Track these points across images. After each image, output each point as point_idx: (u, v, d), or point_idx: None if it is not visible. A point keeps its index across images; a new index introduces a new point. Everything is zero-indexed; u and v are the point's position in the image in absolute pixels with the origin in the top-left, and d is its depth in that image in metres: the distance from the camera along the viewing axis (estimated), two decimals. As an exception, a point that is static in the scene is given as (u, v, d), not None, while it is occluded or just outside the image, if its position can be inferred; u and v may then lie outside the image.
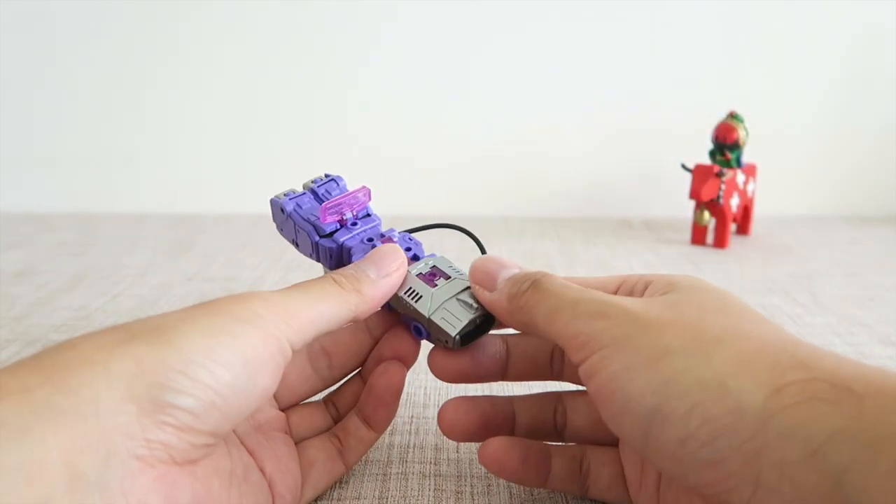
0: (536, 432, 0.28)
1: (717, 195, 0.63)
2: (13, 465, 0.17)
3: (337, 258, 0.30)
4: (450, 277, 0.28)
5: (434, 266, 0.29)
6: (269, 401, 0.29)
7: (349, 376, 0.31)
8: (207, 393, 0.20)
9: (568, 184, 0.80)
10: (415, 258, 0.30)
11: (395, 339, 0.29)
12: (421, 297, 0.27)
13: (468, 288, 0.28)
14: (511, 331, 0.29)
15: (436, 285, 0.28)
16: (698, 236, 0.67)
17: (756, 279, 0.57)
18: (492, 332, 0.29)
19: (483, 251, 0.31)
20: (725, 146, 0.65)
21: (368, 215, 0.32)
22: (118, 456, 0.18)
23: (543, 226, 0.74)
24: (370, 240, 0.30)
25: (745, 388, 0.19)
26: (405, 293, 0.28)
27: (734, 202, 0.65)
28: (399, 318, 0.30)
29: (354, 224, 0.31)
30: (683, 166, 0.65)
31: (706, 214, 0.65)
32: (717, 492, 0.19)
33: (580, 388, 0.29)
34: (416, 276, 0.28)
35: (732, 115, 0.66)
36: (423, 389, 0.38)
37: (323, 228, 0.30)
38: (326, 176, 0.32)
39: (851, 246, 0.68)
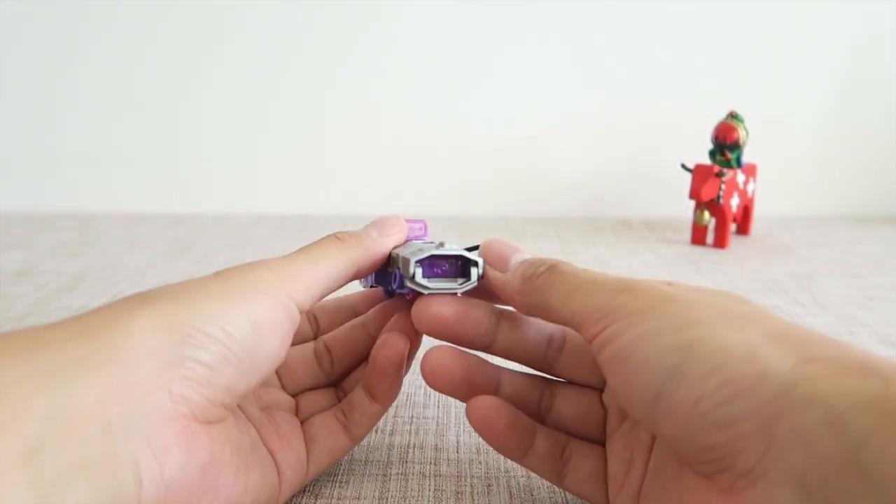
0: (518, 408, 0.28)
1: (717, 195, 0.63)
2: (53, 408, 0.18)
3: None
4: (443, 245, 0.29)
5: (436, 242, 0.29)
6: (278, 386, 0.30)
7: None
8: (220, 347, 0.21)
9: (568, 184, 0.80)
10: None
11: (400, 321, 0.29)
12: (408, 248, 0.28)
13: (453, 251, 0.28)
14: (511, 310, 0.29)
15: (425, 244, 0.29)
16: (698, 236, 0.68)
17: (756, 279, 0.57)
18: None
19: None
20: (725, 146, 0.65)
21: None
22: (144, 407, 0.20)
23: (543, 226, 0.74)
24: None
25: (774, 356, 0.19)
26: (396, 248, 0.29)
27: (734, 202, 0.65)
28: (399, 306, 0.30)
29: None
30: (683, 166, 0.65)
31: (706, 214, 0.65)
32: (720, 455, 0.19)
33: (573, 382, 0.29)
34: (415, 241, 0.29)
35: (732, 115, 0.66)
36: (423, 389, 0.38)
37: None
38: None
39: (851, 246, 0.68)
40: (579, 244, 0.67)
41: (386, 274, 0.29)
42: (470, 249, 0.31)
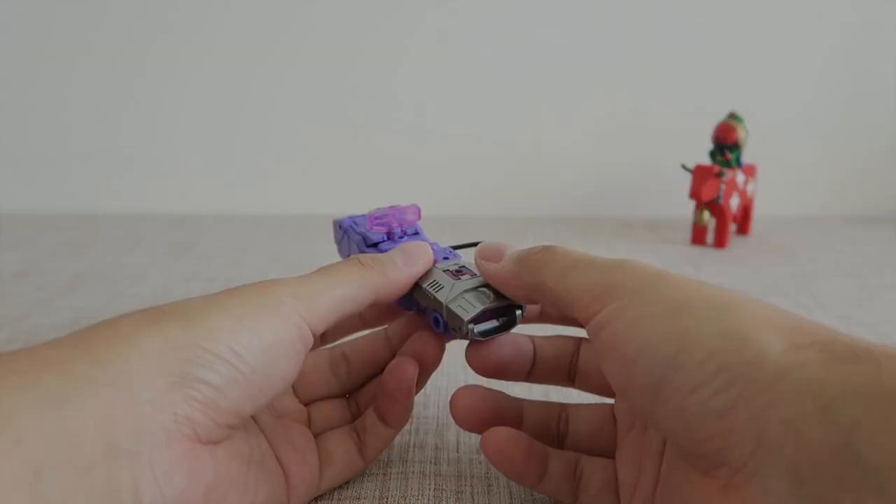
0: (539, 436, 0.28)
1: (717, 195, 0.63)
2: (56, 431, 0.18)
3: None
4: (475, 275, 0.29)
5: (462, 266, 0.30)
6: (290, 394, 0.30)
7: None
8: (229, 369, 0.21)
9: (568, 184, 0.80)
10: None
11: (419, 341, 0.29)
12: (442, 287, 0.28)
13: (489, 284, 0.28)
14: (538, 332, 0.30)
15: (458, 279, 0.28)
16: (698, 236, 0.67)
17: (756, 279, 0.57)
18: (515, 331, 0.29)
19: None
20: (725, 146, 0.65)
21: (417, 233, 0.33)
22: (149, 429, 0.19)
23: (543, 226, 0.74)
24: None
25: (767, 341, 0.18)
26: (428, 285, 0.28)
27: (734, 202, 0.65)
28: (424, 321, 0.30)
29: (402, 237, 0.32)
30: (683, 166, 0.65)
31: (706, 214, 0.65)
32: (716, 448, 0.19)
33: (586, 402, 0.29)
34: (443, 271, 0.29)
35: (732, 115, 0.66)
36: (424, 389, 0.38)
37: (371, 238, 0.32)
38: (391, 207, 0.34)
39: (851, 246, 0.68)
40: (579, 244, 0.67)
41: (410, 299, 0.29)
42: (466, 245, 0.32)
